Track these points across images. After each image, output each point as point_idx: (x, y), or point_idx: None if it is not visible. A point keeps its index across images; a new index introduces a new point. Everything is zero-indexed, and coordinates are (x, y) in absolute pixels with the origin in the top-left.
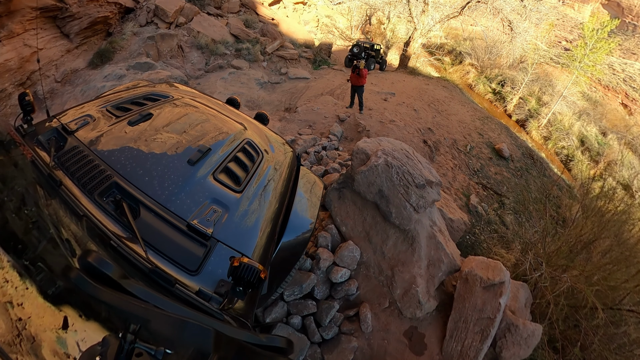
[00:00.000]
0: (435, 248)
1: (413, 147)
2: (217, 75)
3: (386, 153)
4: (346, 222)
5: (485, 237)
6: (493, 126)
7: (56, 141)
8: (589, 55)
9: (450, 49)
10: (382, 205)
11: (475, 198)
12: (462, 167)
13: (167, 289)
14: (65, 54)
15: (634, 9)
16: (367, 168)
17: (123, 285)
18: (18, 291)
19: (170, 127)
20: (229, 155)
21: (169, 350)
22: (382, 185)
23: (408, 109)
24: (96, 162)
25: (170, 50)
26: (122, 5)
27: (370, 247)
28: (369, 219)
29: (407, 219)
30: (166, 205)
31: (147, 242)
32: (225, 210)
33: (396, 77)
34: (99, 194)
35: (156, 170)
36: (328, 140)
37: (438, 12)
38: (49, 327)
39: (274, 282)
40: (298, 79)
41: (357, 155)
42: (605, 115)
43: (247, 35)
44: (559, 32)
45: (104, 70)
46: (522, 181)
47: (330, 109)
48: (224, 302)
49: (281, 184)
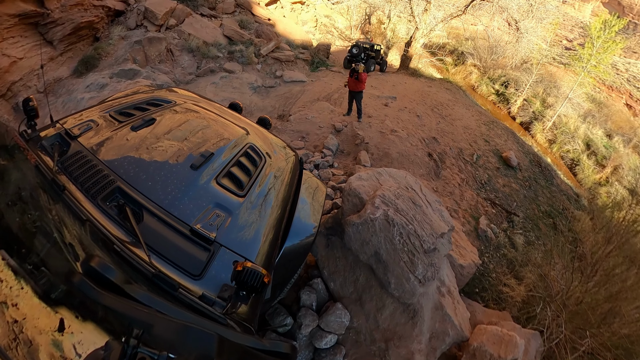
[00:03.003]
0: (441, 320)
1: (417, 162)
2: (208, 80)
3: (387, 202)
4: (335, 277)
5: (494, 266)
6: (499, 131)
7: (60, 146)
8: (596, 56)
9: (452, 49)
10: (379, 271)
11: (485, 220)
12: (469, 182)
13: (170, 293)
14: (48, 62)
15: (634, 8)
16: (360, 221)
17: (126, 290)
18: (13, 291)
19: (173, 132)
20: (232, 159)
21: (172, 355)
22: (380, 247)
23: (410, 115)
24: (99, 167)
25: (159, 54)
26: (110, 8)
27: (362, 313)
28: (362, 280)
29: (409, 292)
30: (169, 210)
31: (150, 247)
32: (228, 215)
33: (397, 79)
34: (102, 198)
35: (159, 175)
36: (322, 156)
37: (440, 11)
38: (44, 329)
39: (277, 287)
40: (294, 82)
41: (349, 199)
42: (611, 117)
43: (241, 36)
44: (559, 31)
45: (87, 79)
46: (531, 193)
47: (325, 117)
48: (228, 306)
49: (284, 188)
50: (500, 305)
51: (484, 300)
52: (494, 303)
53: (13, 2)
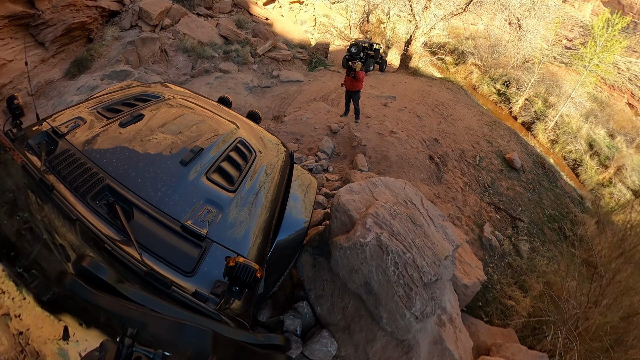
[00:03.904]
0: (440, 355)
1: (418, 165)
2: (202, 81)
3: (380, 222)
4: (322, 302)
5: (498, 277)
6: (502, 132)
7: (47, 145)
8: (599, 54)
9: (453, 48)
10: (369, 303)
11: (489, 227)
12: (472, 185)
13: (163, 291)
14: (39, 64)
15: (634, 7)
16: (349, 245)
17: (119, 290)
18: (15, 302)
19: (162, 128)
20: (221, 154)
21: (168, 352)
22: (371, 277)
23: (411, 115)
24: (88, 165)
25: (152, 55)
26: (105, 9)
27: (351, 342)
28: (352, 308)
29: (404, 329)
30: (159, 207)
31: (142, 245)
32: (219, 210)
33: (397, 78)
34: (91, 197)
35: (149, 172)
36: (316, 159)
37: (441, 9)
38: (49, 338)
39: (270, 281)
40: (290, 82)
41: (337, 216)
42: (613, 116)
43: (237, 36)
44: (559, 30)
45: (79, 81)
46: (535, 196)
47: (321, 117)
48: (221, 302)
49: (275, 182)
50: (504, 320)
51: (488, 315)
52: (498, 318)
53: (2, 3)
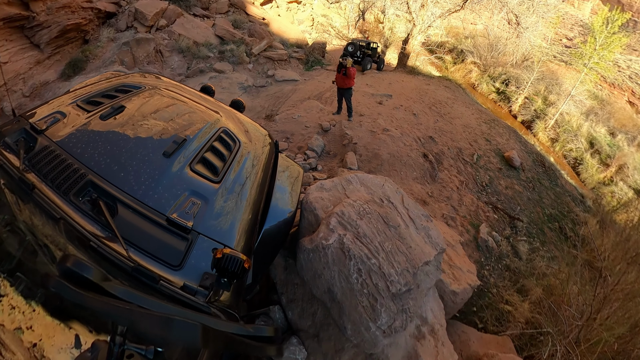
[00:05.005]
0: None
1: (410, 163)
2: (197, 81)
3: (345, 222)
4: (293, 306)
5: (495, 280)
6: (501, 130)
7: (25, 142)
8: (599, 52)
9: (451, 47)
10: (334, 312)
11: (485, 228)
12: (469, 184)
13: (151, 286)
14: (34, 66)
15: (634, 5)
16: (312, 247)
17: (105, 288)
18: (26, 315)
19: (143, 119)
20: (205, 144)
21: (160, 348)
22: (334, 284)
23: (406, 113)
24: (69, 161)
25: (147, 55)
26: (101, 10)
27: (320, 351)
28: (320, 315)
29: (369, 342)
30: (144, 201)
31: (128, 240)
32: (204, 202)
33: (394, 77)
34: (74, 194)
35: (131, 165)
36: (304, 158)
37: (438, 6)
38: (61, 347)
39: (258, 271)
40: (286, 82)
41: (305, 215)
42: (614, 114)
43: (233, 36)
44: (559, 29)
45: (73, 82)
46: (535, 195)
47: (313, 116)
48: (210, 295)
49: (260, 171)
50: (500, 326)
51: (482, 321)
52: (494, 325)
53: None
